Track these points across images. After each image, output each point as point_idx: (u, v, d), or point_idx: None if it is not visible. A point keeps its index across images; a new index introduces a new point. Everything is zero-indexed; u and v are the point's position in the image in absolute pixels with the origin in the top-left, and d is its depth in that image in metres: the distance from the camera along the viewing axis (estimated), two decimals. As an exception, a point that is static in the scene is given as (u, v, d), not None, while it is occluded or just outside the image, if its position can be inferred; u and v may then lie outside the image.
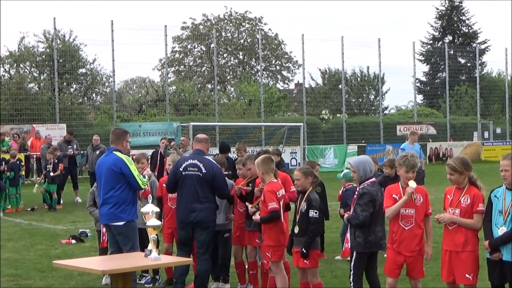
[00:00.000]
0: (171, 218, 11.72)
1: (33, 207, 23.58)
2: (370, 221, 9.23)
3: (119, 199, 10.50)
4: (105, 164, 10.65)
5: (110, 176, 10.53)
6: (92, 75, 46.89)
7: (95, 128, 38.76)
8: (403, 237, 9.11)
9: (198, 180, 10.81)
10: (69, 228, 19.10)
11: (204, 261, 10.87)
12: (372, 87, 56.33)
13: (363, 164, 9.53)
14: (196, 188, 10.80)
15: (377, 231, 9.31)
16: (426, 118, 50.92)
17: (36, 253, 15.43)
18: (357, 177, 9.51)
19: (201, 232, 10.82)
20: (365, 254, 9.34)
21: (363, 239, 9.30)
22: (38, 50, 45.11)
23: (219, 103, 44.17)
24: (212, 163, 11.01)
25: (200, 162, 10.90)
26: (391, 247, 9.21)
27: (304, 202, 9.86)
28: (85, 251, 15.46)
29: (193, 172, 10.86)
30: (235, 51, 67.34)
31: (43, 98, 40.13)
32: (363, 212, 9.22)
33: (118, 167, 10.45)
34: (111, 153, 10.70)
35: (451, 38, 65.90)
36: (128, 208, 10.55)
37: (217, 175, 10.88)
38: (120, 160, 10.50)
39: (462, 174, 8.88)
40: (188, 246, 11.01)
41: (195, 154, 11.17)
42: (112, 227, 10.59)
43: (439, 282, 10.38)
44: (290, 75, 70.03)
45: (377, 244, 9.35)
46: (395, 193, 9.19)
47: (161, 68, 63.47)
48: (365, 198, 9.27)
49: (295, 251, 9.91)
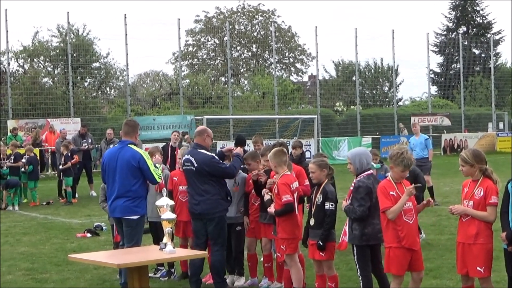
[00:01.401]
0: (182, 211, 11.76)
1: (48, 201, 23.66)
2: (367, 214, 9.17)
3: (135, 193, 10.49)
4: (121, 158, 10.55)
5: (128, 170, 10.48)
6: (106, 69, 47.01)
7: (109, 122, 38.82)
8: (410, 232, 8.92)
9: (194, 174, 10.86)
10: (84, 222, 19.16)
11: (215, 252, 10.89)
12: (386, 79, 56.18)
13: (359, 156, 9.44)
14: (194, 181, 10.88)
15: (374, 223, 9.18)
16: (441, 109, 50.77)
17: (51, 247, 15.48)
18: (353, 169, 9.42)
19: (208, 224, 10.86)
20: (363, 247, 9.24)
21: (359, 231, 9.21)
22: (52, 45, 45.28)
23: (233, 96, 44.14)
24: (204, 156, 10.88)
25: (192, 157, 10.92)
26: (399, 245, 8.85)
27: (320, 195, 9.82)
28: (100, 244, 15.49)
29: (188, 167, 10.93)
30: (248, 44, 67.30)
31: (57, 93, 40.28)
32: (360, 207, 9.14)
33: (137, 162, 10.42)
34: (126, 146, 10.63)
35: (465, 29, 65.63)
36: (142, 202, 10.58)
37: (210, 165, 10.80)
38: (139, 155, 10.48)
39: (473, 166, 8.80)
40: (200, 238, 11.00)
41: (192, 149, 11.28)
42: (125, 220, 10.56)
43: (455, 274, 10.34)
44: (303, 68, 70.04)
45: (374, 237, 9.22)
46: (391, 190, 8.91)
47: (174, 61, 63.56)
48: (361, 192, 9.19)
49: (311, 243, 9.88)
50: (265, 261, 11.55)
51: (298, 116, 38.12)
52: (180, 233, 12.00)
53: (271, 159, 10.33)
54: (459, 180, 14.52)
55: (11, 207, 22.42)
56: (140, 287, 7.91)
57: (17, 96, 37.92)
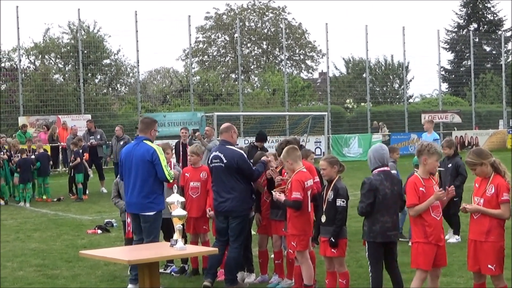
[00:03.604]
0: (192, 207, 11.78)
1: (59, 197, 23.72)
2: (372, 210, 9.16)
3: (151, 188, 10.56)
4: (136, 154, 10.66)
5: (143, 166, 10.56)
6: (116, 65, 47.03)
7: (120, 118, 38.88)
8: (437, 228, 8.96)
9: (222, 171, 10.89)
10: (95, 218, 19.20)
11: (233, 249, 10.94)
12: (396, 76, 56.04)
13: (372, 153, 9.51)
14: (222, 178, 10.90)
15: (383, 221, 9.18)
16: (451, 106, 50.59)
17: (62, 243, 15.52)
18: (369, 165, 9.54)
19: (232, 221, 10.93)
20: (374, 243, 9.25)
21: (368, 228, 9.29)
22: (62, 42, 45.31)
23: (243, 92, 44.13)
24: (234, 152, 11.01)
25: (221, 153, 10.97)
26: (426, 241, 8.86)
27: (331, 191, 9.82)
28: (111, 241, 15.52)
29: (216, 164, 10.94)
30: (258, 41, 67.25)
31: (68, 89, 40.33)
32: (360, 203, 9.25)
33: (150, 157, 10.50)
34: (141, 142, 10.74)
35: (476, 26, 65.41)
36: (158, 197, 10.62)
37: (240, 162, 10.87)
38: (152, 149, 10.56)
39: (482, 165, 8.79)
40: (223, 236, 11.05)
41: (219, 145, 11.31)
42: (142, 216, 10.63)
43: (465, 272, 10.32)
44: (314, 64, 69.96)
45: (382, 234, 9.21)
46: (421, 186, 8.91)
47: (185, 58, 63.45)
48: (364, 188, 9.24)
49: (322, 240, 9.88)
50: (275, 258, 11.54)
51: (308, 113, 38.04)
52: (191, 229, 11.99)
53: (285, 158, 10.31)
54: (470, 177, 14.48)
55: (23, 203, 22.49)
56: (150, 283, 7.92)
57: (28, 93, 37.99)
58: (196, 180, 11.91)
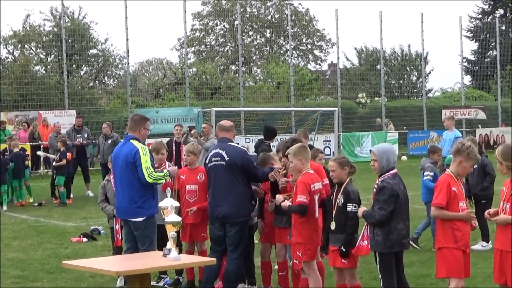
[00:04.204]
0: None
1: (40, 202, 23.71)
2: (390, 218, 9.15)
3: (139, 192, 10.57)
4: (122, 155, 10.75)
5: (126, 167, 10.61)
6: (104, 56, 47.06)
7: (108, 114, 38.88)
8: (466, 233, 9.06)
9: (222, 170, 10.84)
10: (80, 225, 19.19)
11: (233, 259, 10.89)
12: (414, 68, 56.03)
13: (387, 153, 9.44)
14: (221, 179, 10.84)
15: (399, 228, 9.20)
16: (475, 101, 50.56)
17: (44, 252, 15.51)
18: (378, 167, 9.41)
19: (230, 228, 10.85)
20: (387, 254, 9.25)
21: (383, 237, 9.23)
22: (44, 29, 45.36)
23: (244, 86, 44.13)
24: (236, 149, 11.04)
25: (222, 150, 10.94)
26: (456, 246, 8.92)
27: (341, 195, 9.81)
28: (97, 250, 15.51)
29: (217, 162, 10.90)
30: (261, 29, 67.27)
31: (50, 82, 40.31)
32: (380, 211, 9.15)
33: (133, 157, 10.52)
34: (128, 141, 10.80)
35: (503, 12, 65.37)
36: (148, 202, 10.60)
37: (243, 160, 10.87)
38: (135, 149, 10.56)
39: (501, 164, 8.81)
40: (220, 245, 11.00)
41: (219, 143, 11.27)
42: (131, 223, 10.66)
43: (491, 283, 10.29)
44: (322, 55, 70.01)
45: (399, 243, 9.24)
46: (454, 186, 8.98)
47: (179, 48, 63.62)
48: (385, 194, 9.18)
49: (332, 249, 9.86)
50: (279, 269, 11.53)
51: (316, 109, 38.00)
52: (187, 237, 11.95)
53: (297, 156, 10.24)
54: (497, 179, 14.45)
55: (0, 207, 22.49)
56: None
57: (6, 86, 38.02)
58: (193, 182, 11.85)
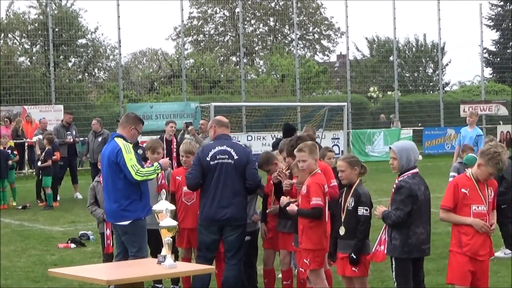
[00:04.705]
0: (186, 216, 11.73)
1: (25, 204, 23.69)
2: (409, 221, 9.14)
3: (123, 194, 10.60)
4: (105, 154, 10.87)
5: (109, 167, 10.68)
6: (94, 46, 47.04)
7: (98, 110, 38.88)
8: (477, 239, 9.02)
9: (230, 169, 10.87)
10: (67, 229, 19.19)
11: (232, 266, 10.90)
12: (430, 59, 55.97)
13: (407, 151, 9.43)
14: (228, 179, 10.86)
15: (418, 233, 9.20)
16: (496, 96, 50.51)
17: (28, 259, 15.50)
18: (397, 166, 9.40)
19: (231, 233, 10.87)
20: (404, 260, 9.24)
21: (401, 242, 9.21)
22: (29, 17, 45.42)
23: (245, 79, 44.11)
24: (243, 148, 11.18)
25: (230, 148, 10.96)
26: (460, 251, 9.00)
27: (351, 198, 9.80)
28: (86, 257, 15.51)
29: (224, 160, 10.89)
30: (264, 17, 67.22)
31: (35, 75, 40.32)
32: (396, 211, 9.15)
33: (115, 157, 10.56)
34: (112, 139, 10.87)
35: (527, -1, 65.30)
36: (134, 204, 10.61)
37: (250, 161, 10.95)
38: (117, 148, 10.61)
39: None
40: (212, 251, 10.99)
41: (223, 140, 11.18)
42: (118, 227, 10.71)
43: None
44: (331, 45, 69.92)
45: (418, 248, 9.24)
46: (464, 188, 9.01)
47: (176, 37, 63.57)
48: (402, 194, 9.18)
49: (341, 257, 9.85)
50: (284, 278, 11.52)
51: (324, 104, 37.99)
52: (184, 243, 11.92)
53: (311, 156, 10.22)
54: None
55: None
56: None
57: (-14, 79, 38.03)
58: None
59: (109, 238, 12.02)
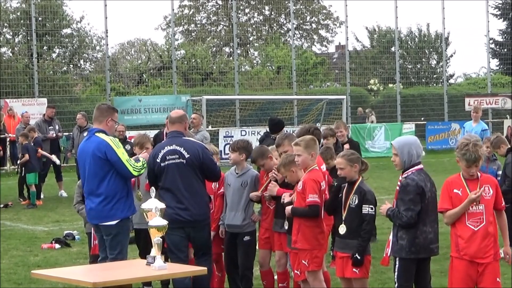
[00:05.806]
0: None
1: (6, 203, 23.67)
2: (417, 220, 9.15)
3: (109, 192, 10.58)
4: (87, 150, 10.76)
5: (95, 164, 10.63)
6: (79, 37, 46.98)
7: (83, 103, 38.82)
8: (474, 241, 8.98)
9: (184, 169, 10.85)
10: (51, 229, 19.18)
11: (204, 261, 10.88)
12: (433, 50, 56.02)
13: (408, 146, 9.44)
14: (184, 179, 10.84)
15: (426, 231, 9.22)
16: (503, 88, 50.54)
17: (10, 260, 15.50)
18: (399, 162, 9.42)
19: (199, 233, 10.92)
20: (410, 260, 9.25)
21: (408, 241, 9.23)
22: (11, 6, 45.28)
23: (239, 71, 44.10)
24: (194, 144, 11.09)
25: (180, 146, 10.93)
26: (458, 255, 9.00)
27: (355, 195, 9.80)
28: (71, 258, 15.51)
29: (174, 161, 10.88)
30: (259, 5, 67.21)
31: (17, 66, 40.27)
32: (407, 212, 9.15)
33: (103, 152, 10.53)
34: (93, 135, 10.80)
35: (535, -14, 65.38)
36: (121, 203, 10.60)
37: (204, 156, 10.92)
38: (104, 143, 10.57)
39: None
40: (184, 251, 11.00)
41: (172, 138, 11.18)
42: (102, 227, 10.67)
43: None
44: (329, 35, 69.94)
45: (425, 248, 9.26)
46: (456, 188, 9.01)
47: (166, 27, 63.57)
48: (410, 192, 9.19)
49: (340, 256, 9.85)
50: (280, 280, 11.53)
51: (322, 97, 38.08)
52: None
53: (307, 151, 10.23)
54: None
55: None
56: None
57: (-35, 71, 37.97)
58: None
59: (95, 238, 12.00)
